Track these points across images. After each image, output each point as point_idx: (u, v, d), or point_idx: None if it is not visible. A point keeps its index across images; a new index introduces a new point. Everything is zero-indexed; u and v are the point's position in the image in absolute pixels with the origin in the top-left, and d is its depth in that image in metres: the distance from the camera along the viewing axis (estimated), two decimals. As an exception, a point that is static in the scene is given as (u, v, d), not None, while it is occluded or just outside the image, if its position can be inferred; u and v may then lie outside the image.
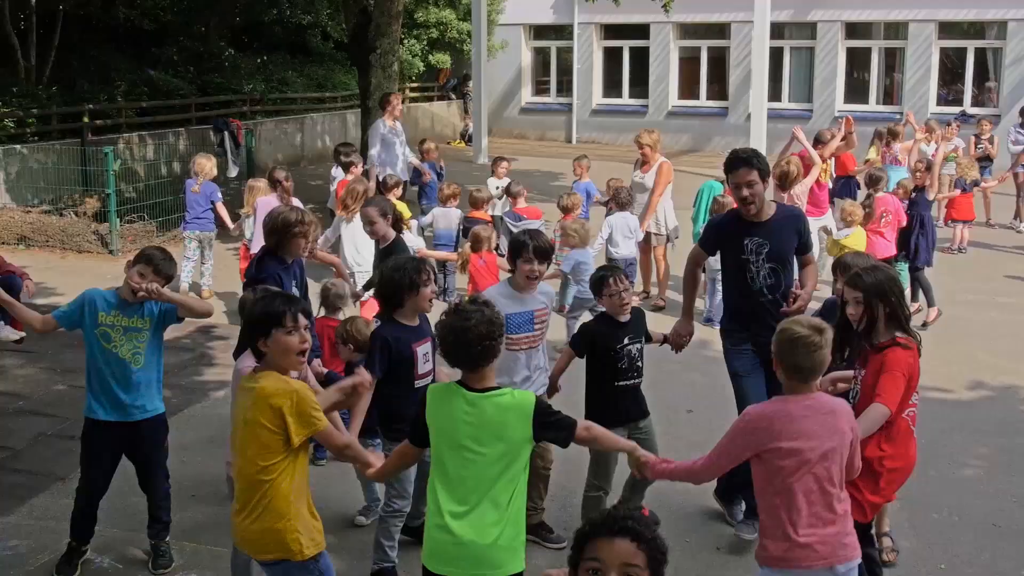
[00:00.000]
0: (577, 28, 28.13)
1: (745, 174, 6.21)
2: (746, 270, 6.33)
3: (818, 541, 4.34)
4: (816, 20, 25.55)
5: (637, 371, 6.26)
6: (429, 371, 5.82)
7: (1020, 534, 6.67)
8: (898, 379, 5.00)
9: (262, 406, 4.48)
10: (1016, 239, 15.99)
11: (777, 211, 6.43)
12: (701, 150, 26.17)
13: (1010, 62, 23.82)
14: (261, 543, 4.66)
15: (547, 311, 6.24)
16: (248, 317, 4.88)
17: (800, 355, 4.35)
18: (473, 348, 4.30)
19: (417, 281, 5.68)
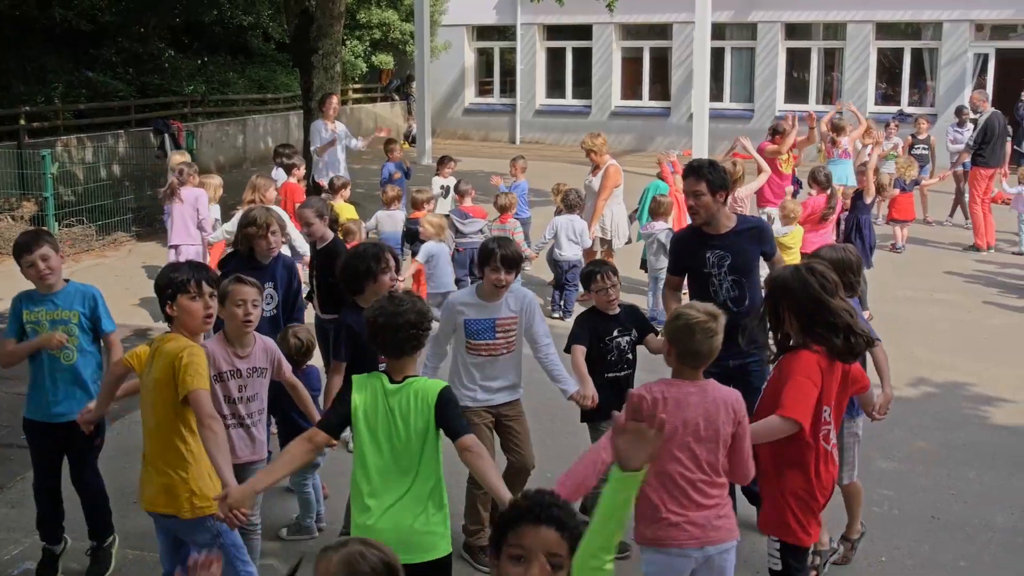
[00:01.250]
0: (520, 29, 28.18)
1: (692, 184, 6.19)
2: (709, 284, 6.27)
3: (688, 522, 4.39)
4: (756, 21, 25.80)
5: (627, 363, 6.37)
6: None
7: (959, 526, 6.79)
8: (801, 385, 4.57)
9: (163, 364, 4.77)
10: (952, 236, 16.25)
11: (738, 222, 6.36)
12: (644, 150, 26.30)
13: (945, 62, 24.21)
14: (155, 495, 4.90)
15: (514, 321, 6.06)
16: (155, 283, 5.02)
17: (697, 341, 4.39)
18: (400, 334, 4.41)
19: (375, 268, 5.84)
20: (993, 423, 8.70)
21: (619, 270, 6.64)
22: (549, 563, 2.86)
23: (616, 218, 11.85)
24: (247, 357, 5.53)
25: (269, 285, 6.69)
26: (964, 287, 13.26)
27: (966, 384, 9.61)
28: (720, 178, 6.22)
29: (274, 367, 5.68)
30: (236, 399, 5.49)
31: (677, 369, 4.50)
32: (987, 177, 15.40)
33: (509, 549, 2.89)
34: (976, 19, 23.87)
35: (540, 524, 2.89)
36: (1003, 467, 7.78)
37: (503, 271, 5.90)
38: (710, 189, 6.14)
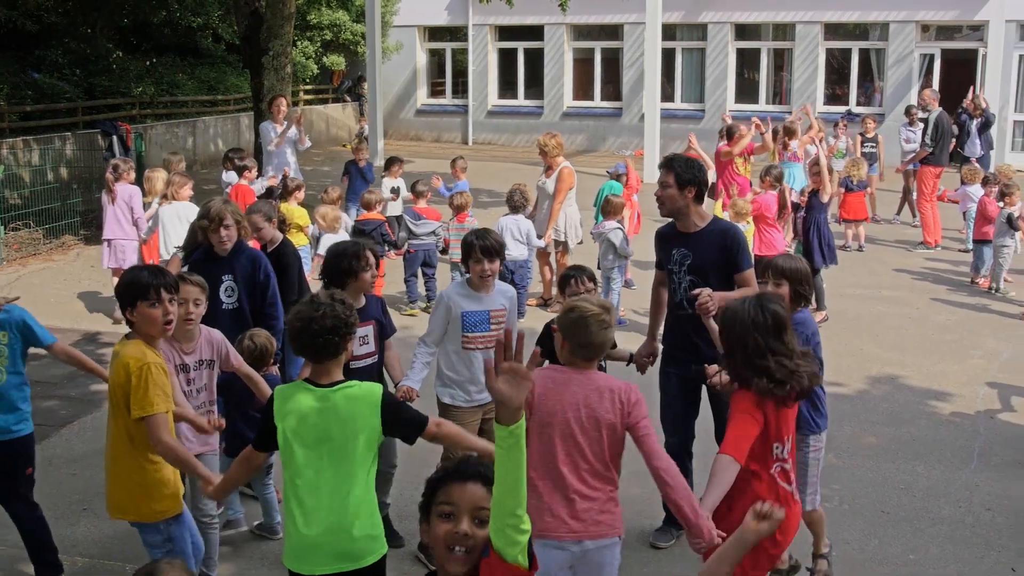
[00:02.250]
0: (472, 30, 28.17)
1: (663, 175, 6.24)
2: (671, 281, 6.33)
3: (569, 514, 4.38)
4: (707, 22, 25.97)
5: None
6: (367, 354, 6.00)
7: (907, 520, 6.88)
8: (739, 421, 4.44)
9: (119, 369, 4.77)
10: (900, 234, 16.44)
11: (709, 224, 6.30)
12: (596, 150, 26.43)
13: (892, 62, 24.51)
14: (118, 503, 4.96)
15: (506, 312, 6.17)
16: (116, 288, 5.05)
17: (591, 333, 4.41)
18: (316, 339, 4.37)
19: (356, 267, 5.91)
20: (940, 418, 8.82)
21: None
22: (476, 517, 2.96)
23: (570, 219, 11.88)
24: (193, 352, 5.59)
25: (228, 278, 6.73)
26: (912, 284, 13.42)
27: (914, 379, 9.73)
28: (690, 173, 6.18)
29: (221, 358, 5.73)
30: (185, 392, 5.52)
31: (569, 361, 4.51)
32: (935, 175, 15.60)
33: (439, 507, 2.99)
34: (922, 20, 24.18)
35: (467, 481, 3.00)
36: (950, 461, 7.89)
37: (486, 261, 6.02)
38: (677, 182, 6.15)
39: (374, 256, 6.17)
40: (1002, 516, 7.01)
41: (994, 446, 8.22)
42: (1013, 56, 23.15)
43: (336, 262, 5.98)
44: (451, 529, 2.96)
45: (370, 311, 6.08)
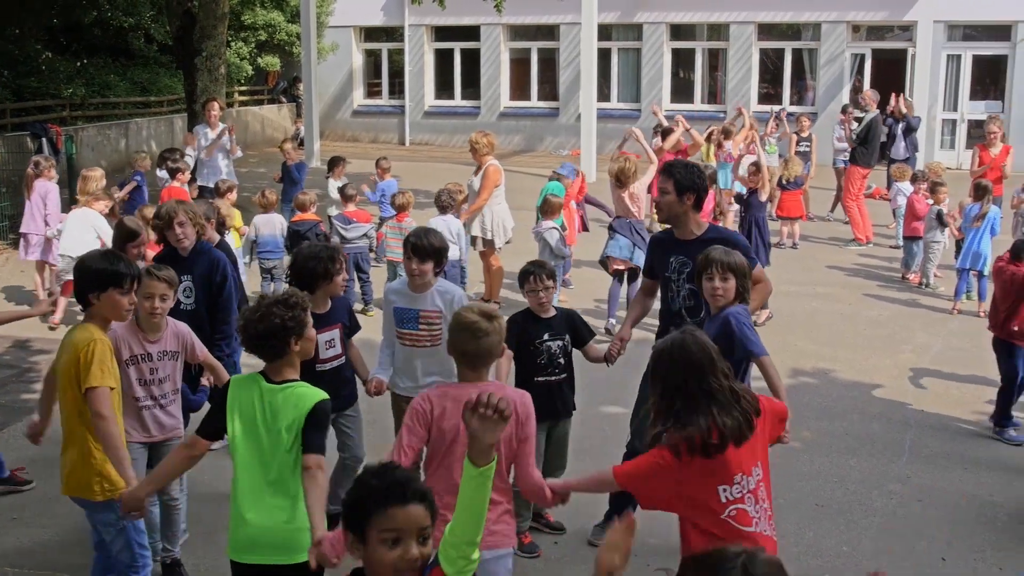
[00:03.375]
0: (408, 30, 28.09)
1: (662, 181, 6.15)
2: (668, 288, 6.24)
3: None
4: (642, 22, 26.14)
5: (558, 367, 6.35)
6: (334, 356, 6.18)
7: (840, 512, 6.98)
8: (651, 462, 4.16)
9: (69, 353, 4.89)
10: (834, 231, 16.67)
11: (707, 232, 6.22)
12: (533, 150, 26.49)
13: (825, 62, 24.84)
14: (69, 480, 5.03)
15: (437, 315, 6.18)
16: (81, 269, 5.02)
17: (466, 340, 4.39)
18: (255, 341, 4.46)
19: (331, 270, 6.06)
20: (872, 411, 8.96)
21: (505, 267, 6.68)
22: (421, 536, 2.89)
23: (497, 217, 11.89)
24: (157, 342, 5.67)
25: (186, 278, 6.83)
26: (845, 280, 13.62)
27: (846, 374, 9.88)
28: (689, 180, 6.10)
29: (186, 350, 5.83)
30: (148, 381, 5.63)
31: (460, 372, 4.51)
32: (862, 175, 15.87)
33: (381, 534, 2.87)
34: (853, 20, 24.54)
35: (408, 504, 2.89)
36: (882, 453, 8.02)
37: (415, 260, 6.11)
38: (676, 188, 6.07)
39: (345, 262, 6.35)
40: (932, 507, 7.14)
41: (924, 438, 8.37)
42: (941, 56, 23.57)
43: (311, 265, 6.06)
44: (401, 555, 2.86)
45: (336, 314, 6.23)
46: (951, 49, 23.84)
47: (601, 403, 8.49)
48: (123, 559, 5.13)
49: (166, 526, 5.90)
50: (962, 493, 7.38)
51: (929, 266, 13.19)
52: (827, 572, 6.24)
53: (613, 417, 8.17)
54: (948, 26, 23.67)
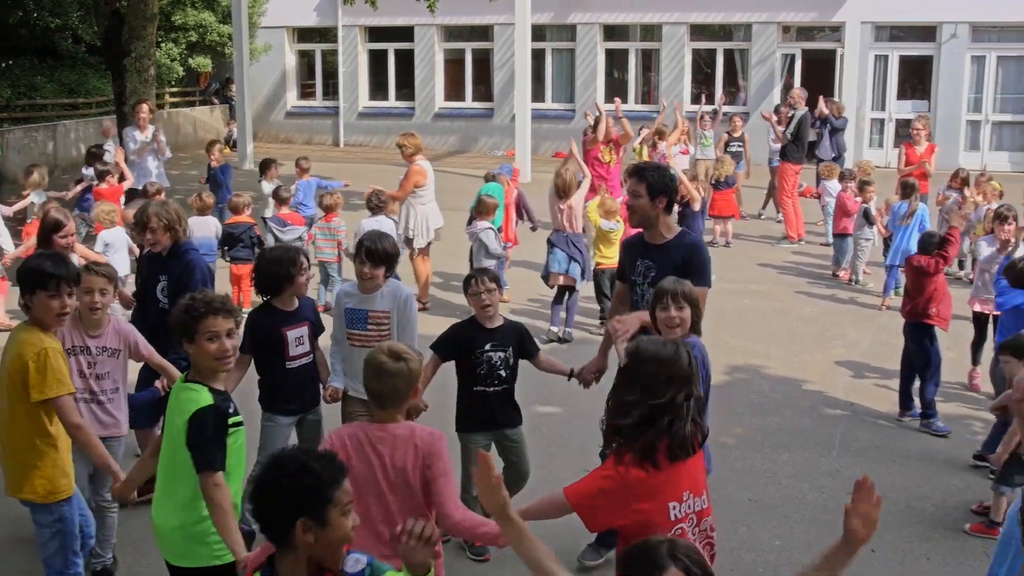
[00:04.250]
0: (341, 31, 27.94)
1: (633, 184, 6.00)
2: (633, 292, 6.11)
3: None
4: (576, 22, 26.24)
5: (498, 379, 6.24)
6: (303, 353, 6.31)
7: (774, 507, 7.07)
8: (602, 479, 3.99)
9: (13, 354, 4.87)
10: (766, 228, 16.87)
11: (675, 236, 6.06)
12: (468, 151, 26.49)
13: (756, 62, 25.12)
14: (12, 480, 5.05)
15: (386, 315, 6.26)
16: (18, 272, 5.12)
17: (370, 378, 4.31)
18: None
19: (293, 272, 6.20)
20: (804, 407, 9.09)
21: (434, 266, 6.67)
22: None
23: (420, 217, 11.93)
24: (98, 337, 5.73)
25: (163, 278, 6.86)
26: (777, 278, 13.79)
27: (778, 370, 10.02)
28: (662, 183, 5.97)
29: (129, 349, 5.89)
30: (87, 374, 5.67)
31: (373, 408, 4.42)
32: (795, 172, 16.09)
33: (343, 508, 3.10)
34: (783, 21, 24.84)
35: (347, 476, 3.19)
36: (813, 448, 8.14)
37: (367, 264, 6.17)
38: (648, 191, 5.93)
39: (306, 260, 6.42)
40: (863, 500, 7.24)
41: (855, 432, 8.51)
42: (869, 56, 23.96)
43: (275, 268, 6.22)
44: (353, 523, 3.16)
45: (304, 312, 6.38)
46: (879, 49, 24.25)
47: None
48: (55, 564, 5.12)
49: (99, 530, 5.84)
50: (891, 485, 7.51)
51: (859, 263, 13.40)
52: (760, 566, 6.32)
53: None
54: (875, 27, 24.07)
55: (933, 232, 9.13)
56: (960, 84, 23.69)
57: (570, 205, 10.81)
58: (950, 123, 23.49)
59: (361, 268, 6.21)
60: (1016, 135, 23.82)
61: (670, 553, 2.92)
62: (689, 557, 2.94)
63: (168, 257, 6.90)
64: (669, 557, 2.91)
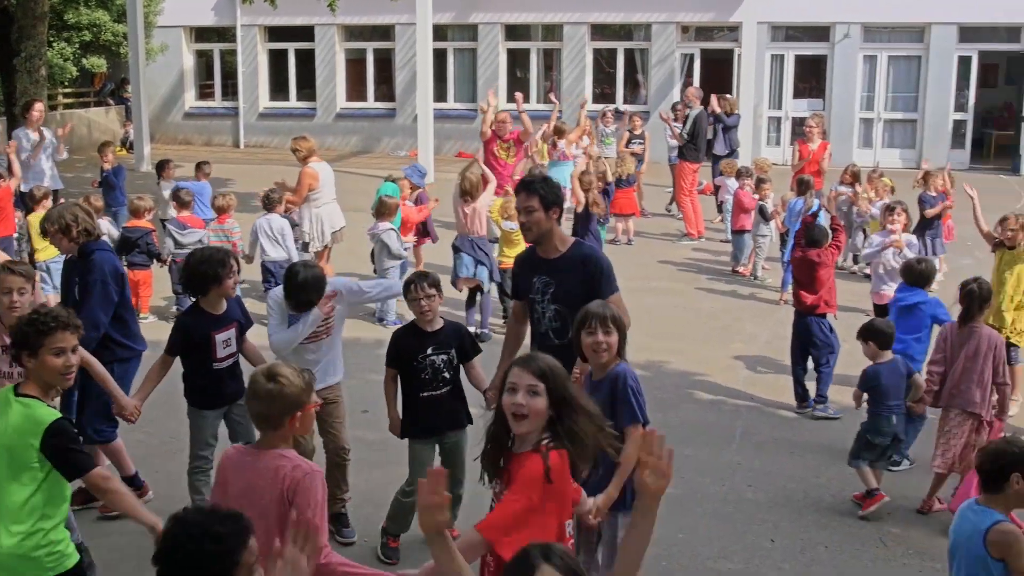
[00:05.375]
0: (240, 30, 27.55)
1: (525, 199, 5.81)
2: (533, 310, 5.95)
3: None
4: (477, 22, 26.25)
5: (443, 381, 6.20)
6: (230, 355, 6.40)
7: (676, 501, 7.14)
8: (508, 502, 3.90)
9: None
10: (666, 226, 17.07)
11: (571, 248, 5.95)
12: (371, 151, 26.35)
13: (656, 62, 25.41)
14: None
15: (335, 309, 6.47)
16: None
17: (248, 397, 4.26)
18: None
19: (220, 274, 6.22)
20: (705, 401, 9.24)
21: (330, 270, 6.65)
22: None
23: (315, 220, 11.91)
24: None
25: (77, 279, 6.86)
26: (678, 275, 13.98)
27: (680, 366, 10.16)
28: (554, 194, 5.84)
29: None
30: (6, 373, 5.62)
31: None
32: (693, 170, 16.33)
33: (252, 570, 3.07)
34: (682, 21, 25.17)
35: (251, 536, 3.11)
36: (715, 442, 8.28)
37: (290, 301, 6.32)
38: (543, 204, 5.77)
39: (236, 263, 6.51)
40: (762, 492, 7.41)
41: (754, 426, 8.68)
42: (766, 56, 24.40)
43: (202, 269, 6.24)
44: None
45: (232, 313, 6.45)
46: (775, 49, 24.73)
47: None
48: None
49: None
50: (790, 476, 7.69)
51: (757, 259, 13.65)
52: (664, 559, 6.40)
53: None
54: (772, 27, 24.53)
55: (815, 225, 9.34)
56: (853, 83, 24.30)
57: (475, 208, 10.80)
58: (844, 121, 24.09)
59: (286, 299, 6.35)
60: (907, 133, 24.50)
61: (543, 554, 2.98)
62: (563, 558, 3.00)
63: (78, 259, 6.85)
64: (542, 558, 2.97)
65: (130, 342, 6.93)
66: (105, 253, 6.94)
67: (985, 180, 22.13)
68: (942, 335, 7.42)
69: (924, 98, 24.08)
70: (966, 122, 24.35)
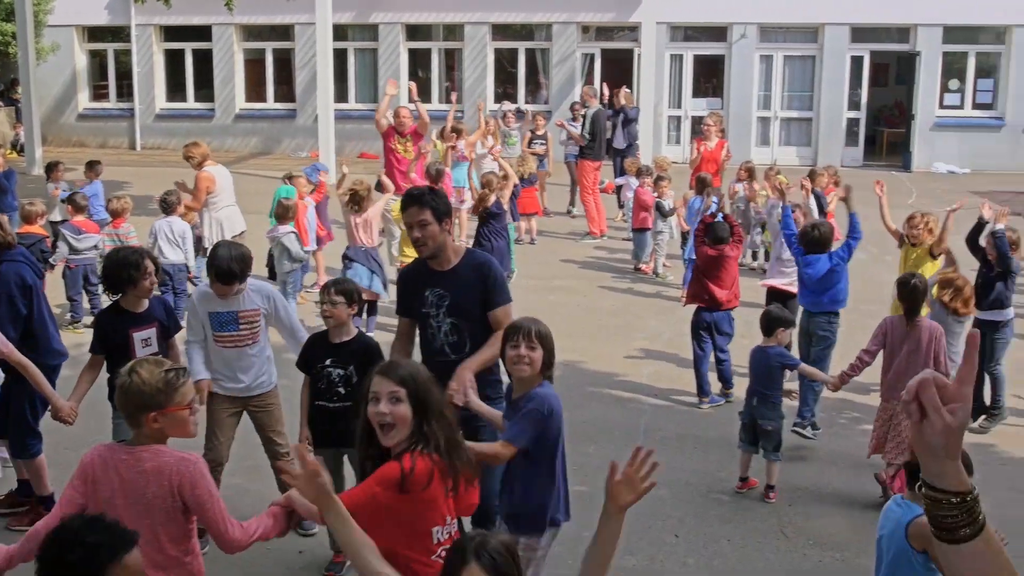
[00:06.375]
0: (135, 30, 26.97)
1: (416, 213, 5.55)
2: (427, 326, 5.73)
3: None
4: (378, 22, 26.08)
5: (337, 396, 6.06)
6: (151, 355, 6.04)
7: (581, 499, 7.07)
8: (361, 491, 3.82)
9: None
10: (569, 225, 17.15)
11: (464, 258, 5.76)
12: (271, 152, 26.01)
13: (557, 61, 25.53)
14: None
15: (256, 313, 6.42)
16: None
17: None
18: None
19: (135, 276, 6.22)
20: (609, 398, 9.30)
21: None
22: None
23: (214, 224, 11.74)
24: None
25: None
26: (581, 273, 14.05)
27: (585, 364, 10.20)
28: (444, 204, 5.70)
29: None
30: None
31: None
32: (595, 169, 16.43)
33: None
34: (582, 21, 25.32)
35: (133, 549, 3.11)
36: (619, 440, 8.33)
37: (217, 284, 6.27)
38: (435, 217, 5.55)
39: (153, 263, 6.44)
40: (666, 487, 7.46)
41: (658, 421, 8.77)
42: (665, 55, 24.67)
43: (116, 271, 6.24)
44: None
45: (153, 313, 6.44)
46: (674, 49, 25.02)
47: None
48: None
49: None
50: (693, 471, 7.78)
51: (658, 257, 13.79)
52: (570, 558, 6.41)
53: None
54: (670, 27, 24.81)
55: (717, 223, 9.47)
56: (750, 82, 24.72)
57: (366, 219, 10.68)
58: (742, 120, 24.49)
59: (218, 288, 6.29)
60: (802, 131, 25.01)
61: (475, 551, 2.99)
62: (495, 556, 3.01)
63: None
64: (473, 554, 2.99)
65: (45, 359, 6.62)
66: (14, 264, 6.69)
67: (878, 176, 22.66)
68: (883, 328, 7.55)
69: (819, 97, 24.61)
70: (859, 120, 24.96)
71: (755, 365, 7.62)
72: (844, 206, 9.15)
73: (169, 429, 4.09)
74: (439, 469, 3.79)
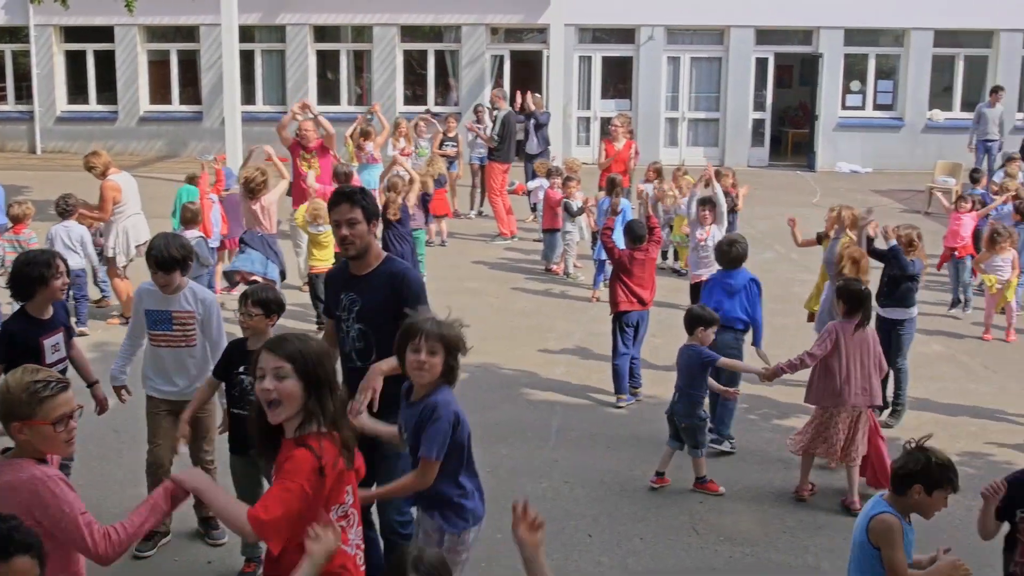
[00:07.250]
0: (34, 30, 26.28)
1: (347, 211, 5.43)
2: (339, 328, 5.64)
3: None
4: (285, 23, 25.80)
5: (248, 404, 5.77)
6: (59, 360, 6.24)
7: (495, 500, 6.98)
8: (290, 491, 3.67)
9: None
10: (479, 227, 17.14)
11: (382, 264, 5.63)
12: (177, 156, 25.53)
13: (466, 63, 25.51)
14: None
15: (190, 316, 6.38)
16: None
17: None
18: None
19: (47, 275, 6.06)
20: (522, 400, 9.31)
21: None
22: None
23: (120, 235, 11.42)
24: None
25: None
26: (492, 274, 14.06)
27: (497, 366, 10.20)
28: (374, 205, 5.60)
29: None
30: None
31: None
32: (503, 171, 16.47)
33: None
34: (491, 23, 25.33)
35: (13, 556, 3.04)
36: (531, 440, 8.35)
37: (160, 274, 6.26)
38: (365, 216, 5.45)
39: (64, 264, 6.30)
40: (580, 487, 7.51)
41: (570, 422, 8.79)
42: (574, 57, 24.81)
43: (27, 270, 6.09)
44: None
45: (59, 318, 6.32)
46: (582, 51, 25.17)
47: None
48: None
49: None
50: (605, 470, 7.81)
51: (568, 257, 13.84)
52: (484, 560, 6.40)
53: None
54: (579, 29, 24.96)
55: (635, 222, 9.55)
56: (658, 84, 24.97)
57: (262, 205, 10.56)
58: (650, 120, 24.74)
59: (155, 277, 6.30)
60: (709, 131, 25.36)
61: (414, 563, 3.23)
62: (431, 569, 3.26)
63: None
64: (412, 567, 3.22)
65: None
66: None
67: (783, 176, 23.23)
68: (831, 334, 7.42)
69: (725, 98, 24.96)
70: (765, 121, 25.38)
71: (679, 363, 7.69)
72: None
73: (38, 443, 3.84)
74: (336, 443, 3.83)
